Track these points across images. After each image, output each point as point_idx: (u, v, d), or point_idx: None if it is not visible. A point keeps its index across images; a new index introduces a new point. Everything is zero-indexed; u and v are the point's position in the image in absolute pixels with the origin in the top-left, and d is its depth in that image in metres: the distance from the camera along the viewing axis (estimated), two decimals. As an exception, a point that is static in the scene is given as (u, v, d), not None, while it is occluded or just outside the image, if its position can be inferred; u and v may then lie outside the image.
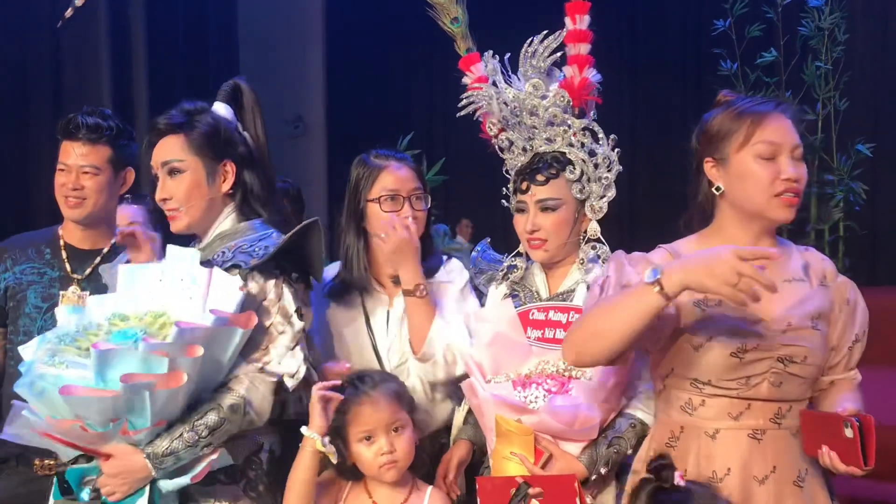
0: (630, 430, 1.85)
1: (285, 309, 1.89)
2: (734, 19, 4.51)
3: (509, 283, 2.09)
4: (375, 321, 2.13)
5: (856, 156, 4.35)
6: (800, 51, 4.48)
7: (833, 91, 4.39)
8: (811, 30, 4.37)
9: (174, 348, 1.70)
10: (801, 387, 1.69)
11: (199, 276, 1.83)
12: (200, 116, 1.96)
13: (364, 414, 1.83)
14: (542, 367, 1.89)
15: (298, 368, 1.86)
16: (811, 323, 1.67)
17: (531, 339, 1.95)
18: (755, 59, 4.49)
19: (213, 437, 1.79)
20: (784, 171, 1.64)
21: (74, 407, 1.69)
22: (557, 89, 1.98)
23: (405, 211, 2.06)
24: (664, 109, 5.83)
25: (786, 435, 1.68)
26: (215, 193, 1.95)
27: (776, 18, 4.45)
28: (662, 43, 5.85)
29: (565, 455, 1.80)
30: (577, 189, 1.98)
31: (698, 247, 1.75)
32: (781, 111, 1.70)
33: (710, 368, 1.68)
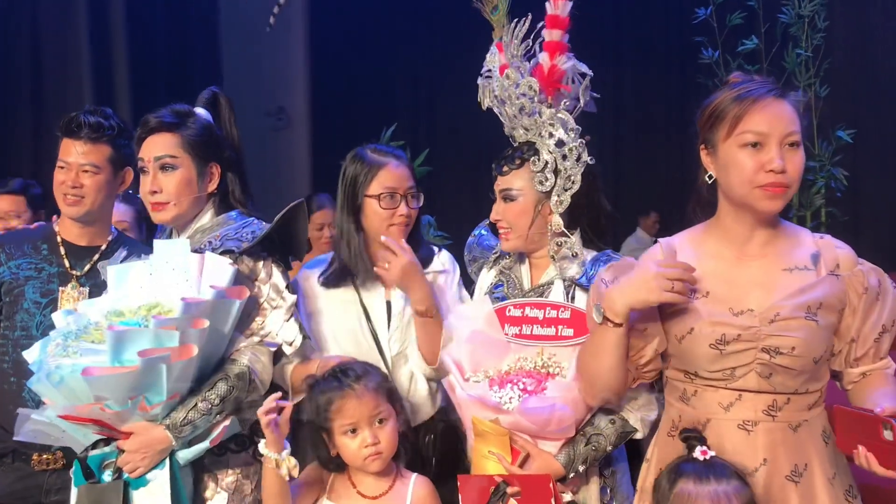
0: (609, 426, 1.85)
1: (276, 285, 2.05)
2: (715, 7, 4.53)
3: (499, 268, 2.10)
4: (374, 311, 2.17)
5: (836, 142, 4.39)
6: (780, 38, 4.51)
7: (813, 78, 4.42)
8: (791, 17, 4.41)
9: (182, 322, 1.84)
10: (797, 379, 1.64)
11: (191, 262, 1.96)
12: (193, 119, 2.10)
13: (348, 407, 1.85)
14: (520, 363, 1.89)
15: (296, 337, 2.02)
16: (805, 314, 1.62)
17: (509, 336, 1.94)
18: (736, 46, 4.51)
19: (224, 404, 1.95)
20: (770, 161, 1.59)
21: (95, 388, 1.79)
22: (528, 78, 1.94)
23: (402, 209, 2.12)
24: (647, 97, 5.86)
25: (782, 427, 1.64)
26: (202, 192, 2.10)
27: (757, 6, 4.49)
28: (645, 31, 5.86)
29: (542, 454, 1.81)
30: (538, 180, 1.93)
31: (701, 238, 1.75)
32: (775, 95, 1.64)
33: (693, 359, 1.68)
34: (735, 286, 1.67)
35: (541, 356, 1.88)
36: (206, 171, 2.10)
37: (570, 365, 1.83)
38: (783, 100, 1.64)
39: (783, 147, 1.61)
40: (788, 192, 1.63)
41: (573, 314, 1.88)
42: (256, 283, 2.05)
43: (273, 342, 2.03)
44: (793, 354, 1.61)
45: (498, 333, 1.95)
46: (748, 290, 1.66)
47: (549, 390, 1.80)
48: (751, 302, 1.64)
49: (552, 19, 1.94)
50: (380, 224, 2.12)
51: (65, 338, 1.91)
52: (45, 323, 2.15)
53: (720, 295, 1.66)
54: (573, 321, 1.88)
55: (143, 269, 2.01)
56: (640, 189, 5.89)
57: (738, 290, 1.66)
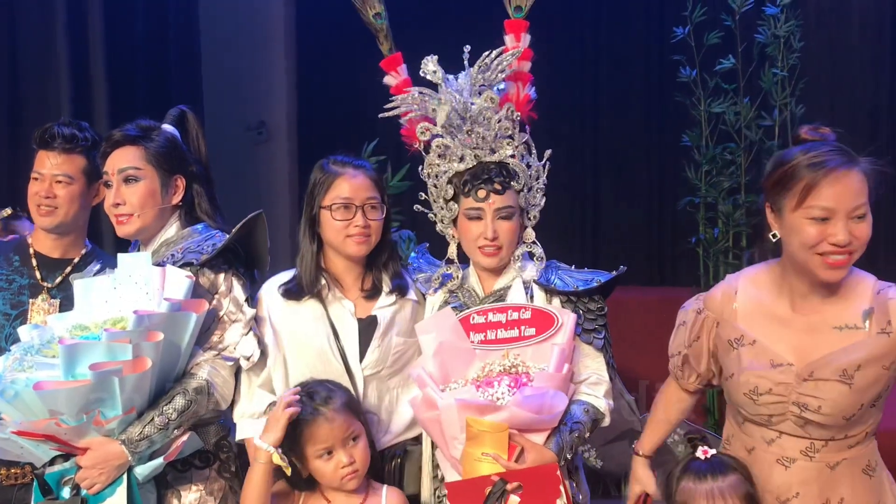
0: (584, 414, 1.95)
1: (236, 299, 2.05)
2: (693, 27, 4.60)
3: (445, 290, 2.14)
4: (343, 328, 2.11)
5: (812, 160, 4.45)
6: (757, 58, 4.58)
7: (789, 97, 4.49)
8: (767, 37, 4.48)
9: (135, 335, 1.83)
10: (831, 430, 1.70)
11: (152, 275, 1.97)
12: (157, 132, 2.13)
13: (321, 432, 1.86)
14: (488, 368, 1.93)
15: (254, 352, 2.01)
16: (839, 376, 1.66)
17: (475, 343, 1.98)
18: (714, 65, 4.58)
19: (182, 418, 1.93)
20: (834, 234, 1.63)
21: (48, 402, 1.79)
22: (508, 103, 2.05)
23: (357, 220, 2.07)
24: (626, 115, 5.89)
25: (819, 466, 1.71)
26: (166, 204, 2.12)
27: (734, 26, 4.54)
28: (623, 50, 5.91)
29: (535, 446, 1.85)
30: (522, 198, 2.07)
31: (762, 282, 1.82)
32: (848, 168, 1.64)
33: (733, 400, 1.81)
34: (780, 339, 1.74)
35: (506, 358, 1.93)
36: (171, 183, 2.12)
37: (541, 361, 1.90)
38: (854, 169, 1.65)
39: (850, 220, 1.64)
40: (852, 259, 1.67)
41: (534, 313, 1.96)
42: (217, 296, 2.04)
43: (231, 356, 2.02)
44: (819, 412, 1.67)
45: (465, 342, 1.98)
46: (792, 345, 1.73)
47: (537, 381, 1.86)
48: (792, 356, 1.71)
49: (526, 52, 2.08)
50: (335, 236, 2.08)
51: (24, 352, 1.91)
52: (13, 336, 2.14)
53: (765, 345, 1.74)
54: (534, 320, 1.95)
55: (108, 283, 2.01)
56: (621, 205, 5.92)
57: (782, 343, 1.73)
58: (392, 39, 2.19)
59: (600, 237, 6.05)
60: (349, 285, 2.14)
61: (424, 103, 2.09)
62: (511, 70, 2.06)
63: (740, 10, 4.50)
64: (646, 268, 5.76)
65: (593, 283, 2.06)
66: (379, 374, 2.10)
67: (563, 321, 1.95)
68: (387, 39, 2.19)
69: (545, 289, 2.07)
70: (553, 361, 1.90)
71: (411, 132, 2.14)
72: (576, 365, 2.00)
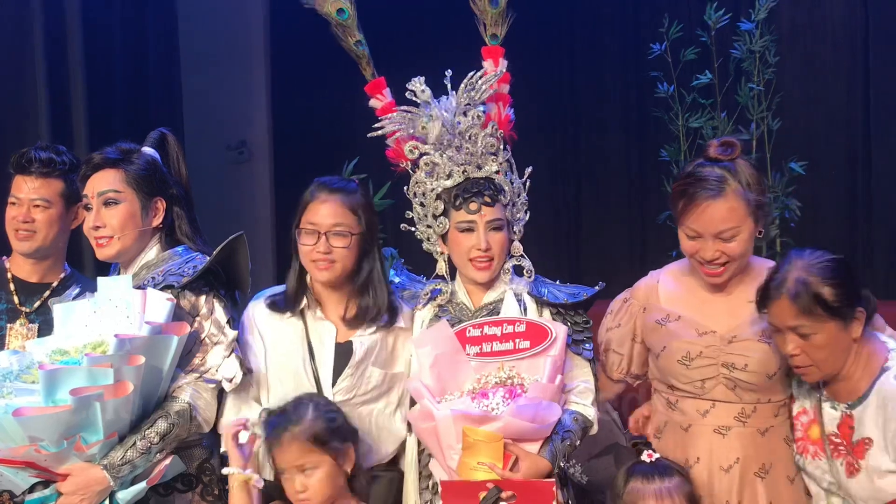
0: (575, 423, 2.02)
1: (218, 321, 2.04)
2: (669, 43, 4.66)
3: (434, 304, 2.18)
4: (320, 351, 2.12)
5: (789, 173, 4.52)
6: (733, 73, 4.65)
7: (766, 111, 4.57)
8: (743, 52, 4.55)
9: (116, 359, 1.82)
10: (757, 391, 1.91)
11: (133, 298, 1.95)
12: (137, 155, 2.13)
13: (277, 454, 1.90)
14: (484, 379, 1.98)
15: (236, 374, 1.99)
16: (759, 337, 1.92)
17: (471, 356, 2.03)
18: (691, 81, 4.64)
19: (164, 442, 1.92)
20: (703, 251, 1.93)
21: (28, 429, 1.77)
22: (492, 122, 2.14)
23: (320, 246, 2.08)
24: (604, 132, 5.94)
25: (752, 432, 1.93)
26: (146, 226, 2.12)
27: (710, 42, 4.61)
28: (601, 67, 5.97)
29: (530, 455, 1.91)
30: (509, 211, 2.14)
31: (682, 272, 2.10)
32: (713, 198, 1.89)
33: (669, 373, 1.99)
34: (703, 313, 1.99)
35: (502, 370, 1.98)
36: (151, 205, 2.11)
37: (534, 371, 1.97)
38: (719, 199, 1.90)
39: (717, 240, 1.92)
40: (730, 266, 1.94)
41: (528, 326, 2.02)
42: (198, 318, 2.03)
43: (213, 379, 2.01)
44: (747, 370, 1.90)
45: (461, 354, 2.03)
46: (714, 316, 1.98)
47: (530, 392, 1.92)
48: (715, 325, 1.96)
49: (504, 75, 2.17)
50: (303, 259, 2.13)
51: (2, 378, 1.89)
52: None
53: (690, 318, 1.99)
54: (528, 333, 2.01)
55: (88, 307, 2.00)
56: (600, 220, 5.96)
57: (705, 316, 1.99)
58: (373, 65, 2.26)
59: (581, 251, 6.08)
60: (331, 307, 2.16)
61: (413, 122, 2.13)
62: (492, 91, 2.14)
63: (716, 26, 4.57)
64: (626, 281, 5.78)
65: (581, 296, 2.15)
66: (350, 401, 2.10)
67: (557, 334, 2.02)
68: (369, 65, 2.27)
69: (537, 300, 2.13)
70: (546, 373, 1.96)
71: (398, 152, 2.19)
72: (566, 374, 2.07)
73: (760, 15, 4.49)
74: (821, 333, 1.78)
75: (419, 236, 2.21)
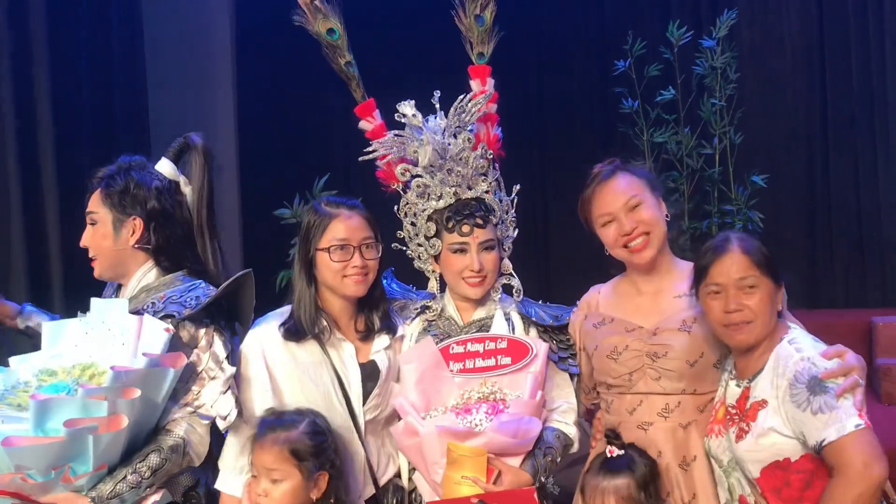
0: (557, 440, 2.06)
1: (216, 355, 1.97)
2: (633, 60, 4.73)
3: (423, 319, 2.20)
4: (347, 374, 2.10)
5: (751, 186, 4.61)
6: (696, 89, 4.74)
7: (728, 126, 4.66)
8: (705, 69, 4.64)
9: (111, 392, 1.76)
10: (681, 380, 2.01)
11: (128, 324, 1.89)
12: (120, 173, 2.07)
13: (257, 452, 1.91)
14: (467, 395, 2.01)
15: (230, 411, 1.92)
16: (679, 326, 2.04)
17: (454, 372, 2.05)
18: (655, 96, 4.73)
19: (155, 477, 1.86)
20: (622, 227, 2.06)
21: (16, 458, 1.71)
22: (482, 143, 2.16)
23: (355, 260, 2.07)
24: (572, 147, 6.00)
25: (673, 426, 2.03)
26: (122, 245, 2.05)
27: (673, 59, 4.70)
28: (567, 83, 6.05)
29: (512, 469, 1.93)
30: (500, 231, 2.18)
31: (618, 282, 2.22)
32: (606, 180, 2.09)
33: (602, 370, 2.10)
34: (630, 312, 2.12)
35: (484, 386, 2.01)
36: (126, 223, 2.04)
37: (517, 388, 2.00)
38: (614, 177, 2.08)
39: (628, 212, 2.05)
40: (651, 238, 2.06)
41: (510, 343, 2.06)
42: (196, 350, 1.96)
43: (207, 415, 1.94)
44: (668, 357, 2.01)
45: (445, 371, 2.06)
46: (642, 314, 2.10)
47: (512, 407, 1.95)
48: (642, 322, 2.09)
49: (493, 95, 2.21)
50: (333, 278, 2.08)
51: None
52: None
53: (620, 319, 2.11)
54: (510, 350, 2.05)
55: (79, 327, 1.95)
56: (569, 235, 6.02)
57: (633, 314, 2.11)
58: (363, 86, 2.25)
59: (551, 264, 6.15)
60: (344, 326, 2.15)
61: (404, 146, 2.14)
62: (482, 112, 2.16)
63: (678, 43, 4.66)
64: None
65: (563, 319, 2.23)
66: (376, 419, 2.12)
67: (537, 351, 2.05)
68: (359, 87, 2.26)
69: (524, 319, 2.18)
70: (527, 389, 1.99)
71: (389, 174, 2.19)
72: (548, 393, 2.10)
73: (721, 32, 4.59)
74: (762, 289, 1.87)
75: (410, 255, 2.23)
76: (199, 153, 2.15)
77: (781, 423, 1.81)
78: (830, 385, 1.76)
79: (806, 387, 1.78)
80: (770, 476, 1.83)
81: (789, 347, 1.87)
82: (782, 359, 1.85)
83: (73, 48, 4.69)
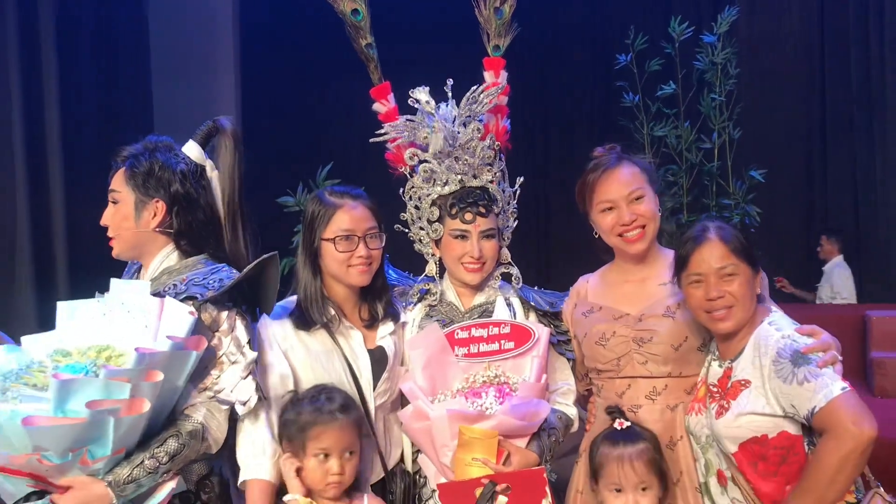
0: (559, 421, 2.10)
1: (238, 339, 1.93)
2: (635, 54, 4.76)
3: (426, 305, 2.23)
4: (357, 360, 2.13)
5: (749, 181, 4.65)
6: (696, 84, 4.76)
7: (727, 121, 4.69)
8: (706, 64, 4.67)
9: (134, 374, 1.71)
10: (667, 363, 2.07)
11: (150, 306, 1.85)
12: (145, 153, 2.02)
13: (327, 435, 1.91)
14: (472, 378, 2.04)
15: (251, 397, 1.89)
16: (664, 312, 2.09)
17: (459, 357, 2.09)
18: (656, 91, 4.76)
19: (172, 463, 1.83)
20: (621, 217, 2.08)
21: (35, 438, 1.67)
22: (490, 134, 2.19)
23: (360, 250, 2.09)
24: (575, 140, 6.05)
25: (661, 408, 2.09)
26: (143, 228, 1.99)
27: (674, 54, 4.73)
28: (569, 77, 6.09)
29: (520, 450, 1.98)
30: (501, 220, 2.21)
31: (606, 271, 2.26)
32: (612, 168, 2.10)
33: (591, 357, 2.15)
34: (617, 299, 2.16)
35: (488, 370, 2.05)
36: (148, 205, 1.99)
37: (522, 371, 2.05)
38: (619, 166, 2.10)
39: (629, 203, 2.08)
40: (647, 231, 2.09)
41: (512, 328, 2.10)
42: (217, 334, 1.91)
43: (226, 400, 1.90)
44: (654, 342, 2.07)
45: (450, 356, 2.09)
46: (628, 301, 2.15)
47: (520, 391, 1.99)
48: (628, 309, 2.13)
49: (506, 89, 2.23)
50: (338, 268, 2.10)
51: (3, 378, 1.77)
52: None
53: (608, 307, 2.16)
54: (513, 335, 2.09)
55: (96, 307, 1.90)
56: (571, 226, 6.06)
57: (619, 301, 2.16)
58: (381, 69, 2.27)
59: (551, 254, 6.20)
60: (349, 314, 2.17)
61: (415, 131, 2.18)
62: (493, 104, 2.18)
63: (679, 38, 4.69)
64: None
65: (558, 306, 2.27)
66: (384, 404, 2.16)
67: (539, 335, 2.10)
68: (377, 69, 2.27)
69: (524, 303, 2.23)
70: (533, 372, 2.05)
71: (398, 157, 2.23)
72: (549, 375, 2.15)
73: (722, 28, 4.62)
74: (741, 275, 1.91)
75: (411, 237, 2.26)
76: (228, 137, 2.10)
77: (765, 402, 1.86)
78: (812, 357, 1.82)
79: (790, 360, 1.83)
80: (748, 451, 1.88)
81: (769, 328, 1.92)
82: (763, 339, 1.91)
83: (79, 39, 4.74)
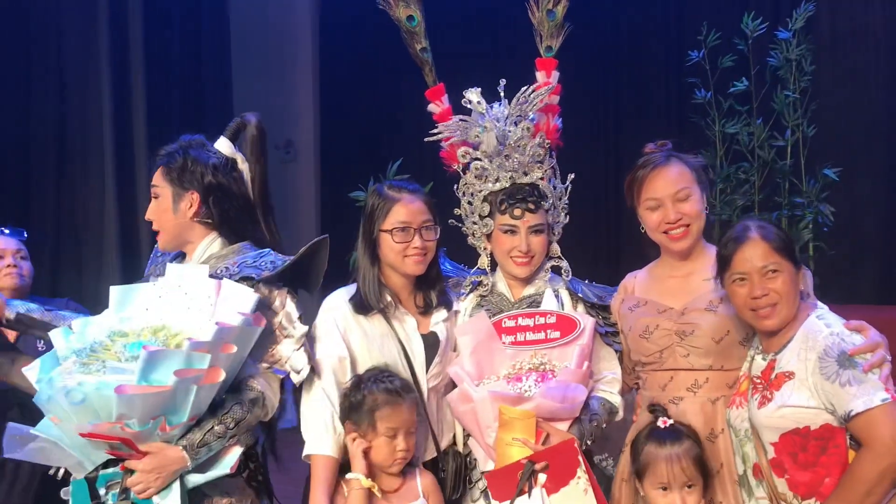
0: (602, 408, 2.18)
1: (289, 314, 2.10)
2: (707, 51, 4.71)
3: (477, 296, 2.33)
4: (411, 346, 2.24)
5: (823, 180, 4.55)
6: (769, 80, 4.68)
7: (801, 118, 4.60)
8: (780, 61, 4.59)
9: (214, 346, 1.88)
10: (708, 356, 2.13)
11: (208, 288, 2.01)
12: (179, 150, 2.19)
13: (397, 413, 2.06)
14: (518, 365, 2.14)
15: (304, 367, 2.06)
16: (706, 306, 2.14)
17: (506, 344, 2.18)
18: (728, 87, 4.69)
19: (238, 428, 1.98)
20: (667, 215, 2.16)
21: (122, 406, 1.81)
22: (541, 132, 2.27)
23: (416, 242, 2.21)
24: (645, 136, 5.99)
25: (702, 400, 2.14)
26: (181, 218, 2.17)
27: (747, 50, 4.65)
28: (641, 74, 6.06)
29: (559, 431, 2.06)
30: (550, 216, 2.28)
31: (653, 266, 2.33)
32: (661, 166, 2.17)
33: (635, 349, 2.22)
34: (663, 294, 2.24)
35: (535, 357, 2.14)
36: (184, 197, 2.15)
37: (565, 359, 2.13)
38: (668, 165, 2.17)
39: (675, 203, 2.15)
40: (691, 230, 2.17)
41: (558, 318, 2.19)
42: (270, 311, 2.08)
43: (282, 370, 2.07)
44: (696, 335, 2.14)
45: (498, 343, 2.19)
46: (672, 296, 2.22)
47: (560, 376, 2.08)
48: (672, 303, 2.21)
49: (556, 88, 2.31)
50: (395, 258, 2.22)
51: (78, 355, 1.91)
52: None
53: (653, 301, 2.24)
54: (559, 324, 2.18)
55: (152, 291, 2.05)
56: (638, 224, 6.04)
57: (664, 296, 2.23)
58: (435, 72, 2.38)
59: (622, 254, 6.17)
60: (405, 301, 2.29)
61: (468, 130, 2.27)
62: (543, 103, 2.26)
63: (753, 34, 4.62)
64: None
65: (607, 300, 2.36)
66: (436, 387, 2.27)
67: (585, 325, 2.18)
68: (431, 72, 2.39)
69: (573, 295, 2.31)
70: (574, 359, 2.12)
71: (452, 155, 2.33)
72: (595, 364, 2.23)
73: (798, 24, 4.54)
74: (784, 273, 1.95)
75: (465, 231, 2.36)
76: (252, 134, 2.26)
77: (808, 395, 1.88)
78: (859, 360, 1.83)
79: (836, 360, 1.85)
80: (789, 441, 1.91)
81: (818, 322, 1.94)
82: (812, 333, 1.92)
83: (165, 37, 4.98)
